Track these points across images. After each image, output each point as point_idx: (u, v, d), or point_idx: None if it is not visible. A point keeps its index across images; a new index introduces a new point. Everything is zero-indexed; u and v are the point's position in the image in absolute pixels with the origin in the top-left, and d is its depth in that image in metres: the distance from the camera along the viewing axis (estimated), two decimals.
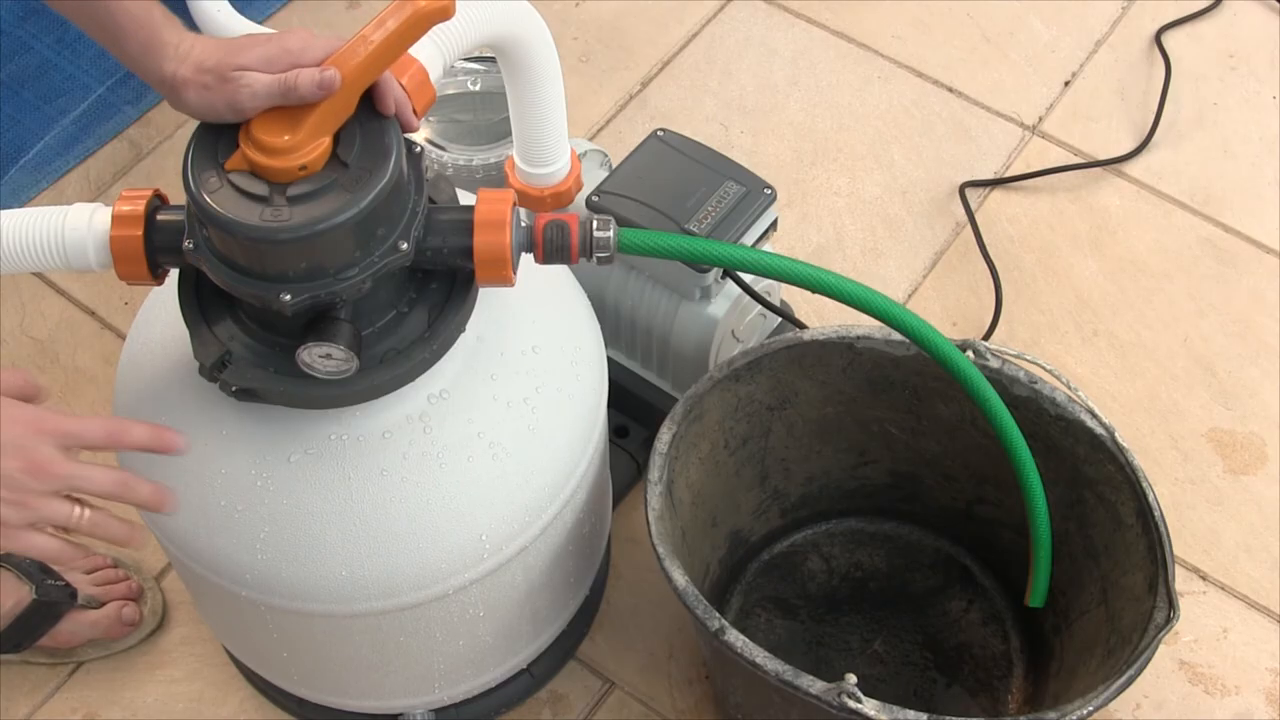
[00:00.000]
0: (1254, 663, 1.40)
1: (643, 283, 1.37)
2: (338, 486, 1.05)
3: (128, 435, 0.95)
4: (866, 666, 1.36)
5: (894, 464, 1.37)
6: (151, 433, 0.96)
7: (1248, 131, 1.77)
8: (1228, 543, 1.47)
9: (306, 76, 0.93)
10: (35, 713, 1.38)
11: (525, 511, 1.10)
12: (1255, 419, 1.55)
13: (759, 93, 1.82)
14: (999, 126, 1.79)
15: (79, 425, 0.91)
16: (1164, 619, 1.12)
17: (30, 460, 0.88)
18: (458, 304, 1.03)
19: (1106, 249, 1.68)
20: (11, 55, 1.83)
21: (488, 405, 1.08)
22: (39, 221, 1.01)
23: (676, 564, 1.13)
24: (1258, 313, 1.63)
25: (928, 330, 1.11)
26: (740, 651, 1.07)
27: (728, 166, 1.34)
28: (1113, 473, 1.21)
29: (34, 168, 1.75)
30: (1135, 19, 1.88)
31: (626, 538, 1.46)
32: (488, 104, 1.55)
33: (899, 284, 1.66)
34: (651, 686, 1.39)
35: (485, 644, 1.22)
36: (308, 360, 0.98)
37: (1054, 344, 1.60)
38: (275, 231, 0.92)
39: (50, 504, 0.90)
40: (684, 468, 1.23)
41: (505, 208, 1.00)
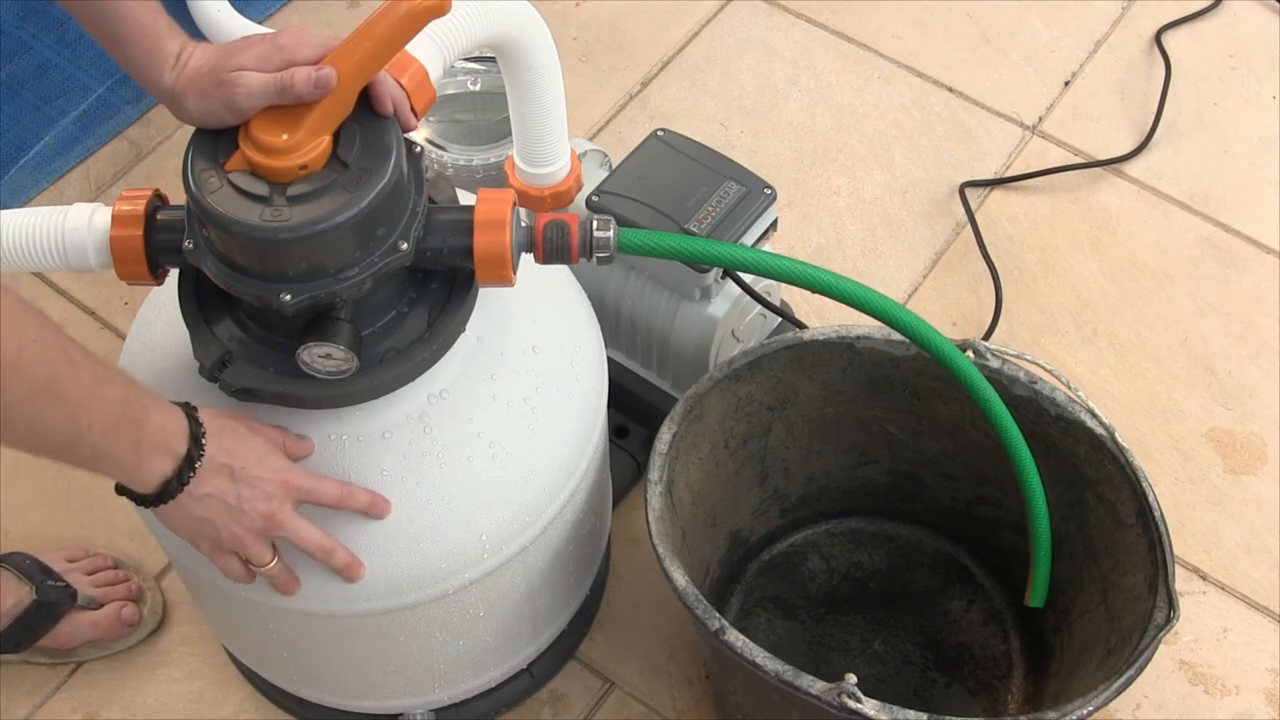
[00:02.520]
0: (1254, 663, 1.40)
1: (643, 283, 1.37)
2: None
3: (353, 500, 1.03)
4: (866, 666, 1.36)
5: (894, 464, 1.37)
6: (370, 499, 1.04)
7: (1248, 131, 1.77)
8: (1228, 543, 1.47)
9: (303, 75, 0.93)
10: (35, 713, 1.38)
11: (525, 511, 1.10)
12: (1255, 419, 1.55)
13: (759, 93, 1.82)
14: (999, 126, 1.79)
15: (318, 486, 1.02)
16: (1164, 619, 1.12)
17: (269, 510, 0.99)
18: (458, 304, 1.03)
19: (1106, 249, 1.68)
20: (11, 55, 1.83)
21: (488, 405, 1.08)
22: (39, 221, 1.01)
23: (676, 564, 1.13)
24: (1258, 313, 1.63)
25: (928, 330, 1.11)
26: (740, 651, 1.07)
27: (728, 166, 1.34)
28: (1113, 473, 1.21)
29: (34, 168, 1.75)
30: (1135, 19, 1.88)
31: (626, 538, 1.46)
32: (488, 104, 1.55)
33: (899, 284, 1.66)
34: (651, 686, 1.39)
35: (485, 644, 1.22)
36: (308, 360, 0.98)
37: (1054, 344, 1.60)
38: (275, 231, 0.92)
39: (259, 544, 1.01)
40: (684, 468, 1.23)
41: (505, 208, 1.00)
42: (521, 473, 1.09)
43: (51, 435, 0.88)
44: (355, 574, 1.05)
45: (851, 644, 1.38)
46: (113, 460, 0.92)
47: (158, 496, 0.95)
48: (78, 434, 0.88)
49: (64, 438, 0.88)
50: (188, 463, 0.95)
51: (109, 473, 0.94)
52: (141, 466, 0.93)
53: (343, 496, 1.03)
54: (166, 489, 0.95)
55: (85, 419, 0.88)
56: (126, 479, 0.95)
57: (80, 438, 0.88)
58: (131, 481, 0.95)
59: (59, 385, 0.85)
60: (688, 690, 1.39)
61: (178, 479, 0.95)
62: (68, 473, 1.52)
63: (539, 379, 1.11)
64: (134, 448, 0.92)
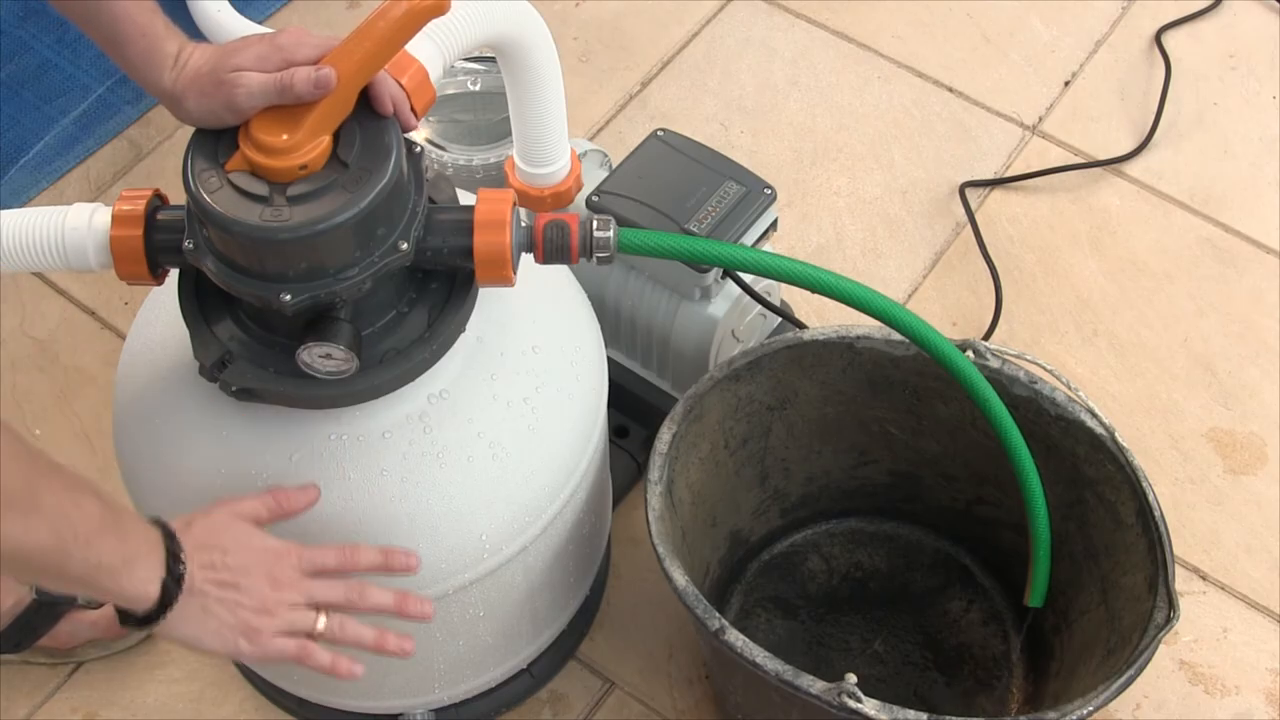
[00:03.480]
0: (1254, 663, 1.40)
1: (643, 283, 1.37)
2: (338, 486, 1.05)
3: (359, 559, 1.01)
4: (866, 666, 1.36)
5: (894, 464, 1.37)
6: (381, 556, 1.02)
7: (1248, 131, 1.77)
8: (1228, 543, 1.47)
9: (302, 75, 0.93)
10: (35, 713, 1.38)
11: (525, 511, 1.10)
12: (1255, 419, 1.55)
13: (759, 93, 1.82)
14: (999, 126, 1.79)
15: (314, 551, 0.99)
16: (1164, 619, 1.12)
17: (272, 577, 0.97)
18: (458, 304, 1.03)
19: (1106, 249, 1.68)
20: (11, 55, 1.83)
21: (488, 405, 1.08)
22: (39, 221, 1.01)
23: (676, 564, 1.13)
24: (1258, 313, 1.63)
25: (928, 330, 1.11)
26: (740, 651, 1.07)
27: (728, 166, 1.34)
28: (1113, 473, 1.21)
29: (34, 168, 1.75)
30: (1135, 19, 1.88)
31: (626, 538, 1.46)
32: (488, 104, 1.55)
33: (899, 284, 1.66)
34: (651, 686, 1.39)
35: (485, 644, 1.22)
36: (308, 360, 0.98)
37: (1054, 344, 1.60)
38: (275, 231, 0.92)
39: (294, 613, 0.98)
40: (684, 468, 1.23)
41: (505, 208, 1.00)
42: (521, 473, 1.09)
43: (38, 549, 0.83)
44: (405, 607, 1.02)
45: (851, 644, 1.38)
46: (104, 569, 0.88)
47: (161, 603, 0.91)
48: (63, 548, 0.84)
49: (52, 553, 0.84)
50: (173, 558, 0.91)
51: (104, 586, 0.89)
52: (133, 572, 0.89)
53: (346, 556, 1.00)
54: (165, 592, 0.91)
55: (68, 530, 0.84)
56: (121, 590, 0.89)
57: (67, 551, 0.85)
58: (128, 591, 0.90)
59: (35, 496, 0.82)
60: (688, 690, 1.39)
61: (171, 577, 0.91)
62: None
63: (539, 379, 1.11)
64: (121, 553, 0.88)
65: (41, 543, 0.83)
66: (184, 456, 1.07)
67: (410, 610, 1.03)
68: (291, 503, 1.01)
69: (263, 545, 0.98)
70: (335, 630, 1.00)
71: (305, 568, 0.99)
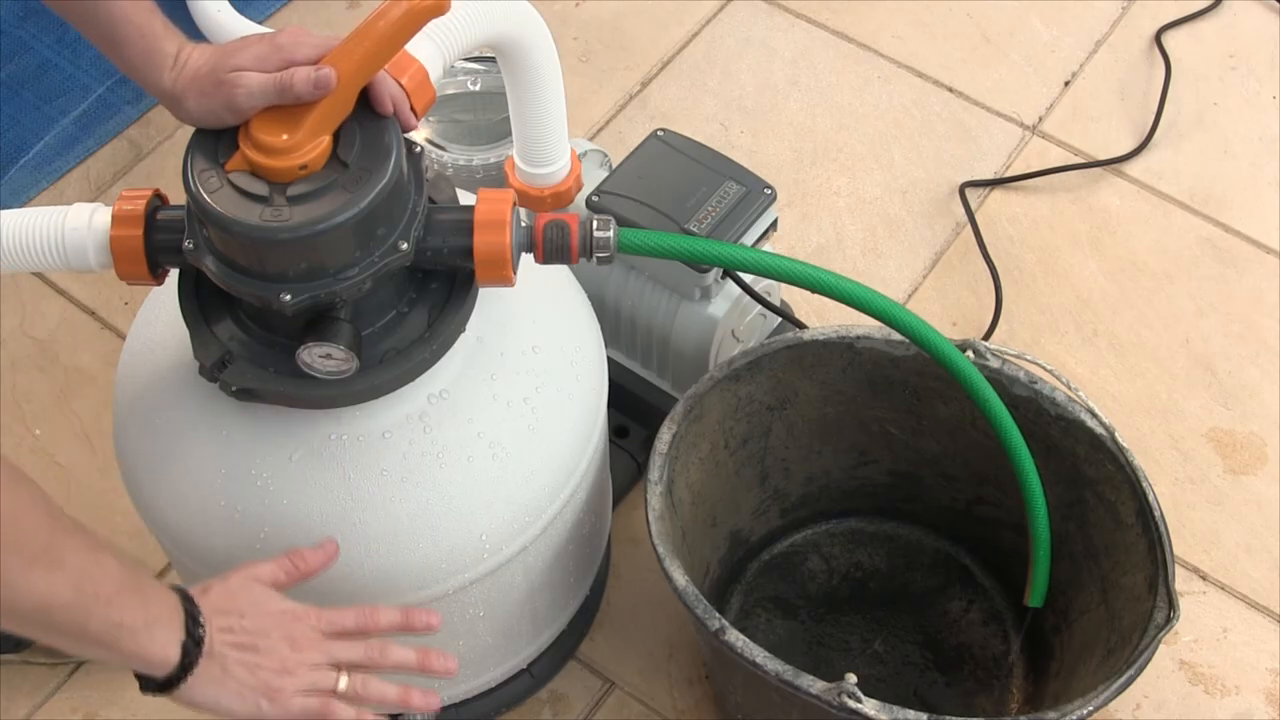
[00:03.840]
0: (1254, 663, 1.40)
1: (643, 283, 1.37)
2: (338, 486, 1.05)
3: (378, 620, 1.01)
4: (866, 666, 1.36)
5: (894, 464, 1.37)
6: (402, 616, 1.01)
7: (1248, 131, 1.77)
8: (1228, 543, 1.47)
9: (302, 76, 0.93)
10: (35, 713, 1.38)
11: (525, 511, 1.10)
12: (1255, 419, 1.55)
13: (759, 93, 1.82)
14: (999, 126, 1.79)
15: (333, 612, 0.99)
16: (1164, 619, 1.12)
17: (291, 638, 0.96)
18: (458, 304, 1.03)
19: (1106, 249, 1.68)
20: (11, 55, 1.83)
21: (488, 405, 1.08)
22: (39, 221, 1.01)
23: (676, 564, 1.13)
24: (1258, 313, 1.63)
25: (928, 330, 1.11)
26: (740, 651, 1.07)
27: (728, 166, 1.34)
28: (1113, 473, 1.21)
29: (34, 168, 1.75)
30: (1135, 19, 1.88)
31: (626, 538, 1.46)
32: (488, 104, 1.55)
33: (899, 284, 1.66)
34: (651, 686, 1.39)
35: (485, 644, 1.22)
36: (308, 360, 0.98)
37: (1054, 344, 1.60)
38: (275, 231, 0.92)
39: (315, 673, 0.96)
40: (684, 468, 1.23)
41: (505, 208, 1.00)
42: (521, 473, 1.09)
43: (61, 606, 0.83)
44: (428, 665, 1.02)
45: (851, 644, 1.38)
46: (125, 630, 0.87)
47: (181, 667, 0.90)
48: (85, 606, 0.84)
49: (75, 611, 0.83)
50: (192, 621, 0.91)
51: (124, 648, 0.87)
52: (154, 634, 0.88)
53: (364, 617, 0.99)
54: (186, 655, 0.90)
55: (90, 588, 0.84)
56: (141, 652, 0.88)
57: (89, 610, 0.84)
58: (149, 653, 0.89)
59: (58, 553, 0.82)
60: (688, 690, 1.39)
61: (191, 640, 0.90)
62: (68, 472, 1.52)
63: (539, 379, 1.11)
64: (142, 615, 0.88)
65: (65, 600, 0.83)
66: (184, 456, 1.07)
67: (434, 666, 1.02)
68: (309, 564, 1.00)
69: (280, 608, 0.97)
70: (358, 689, 0.98)
71: (324, 629, 0.98)
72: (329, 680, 0.97)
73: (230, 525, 1.06)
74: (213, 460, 1.05)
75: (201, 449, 1.06)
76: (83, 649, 0.87)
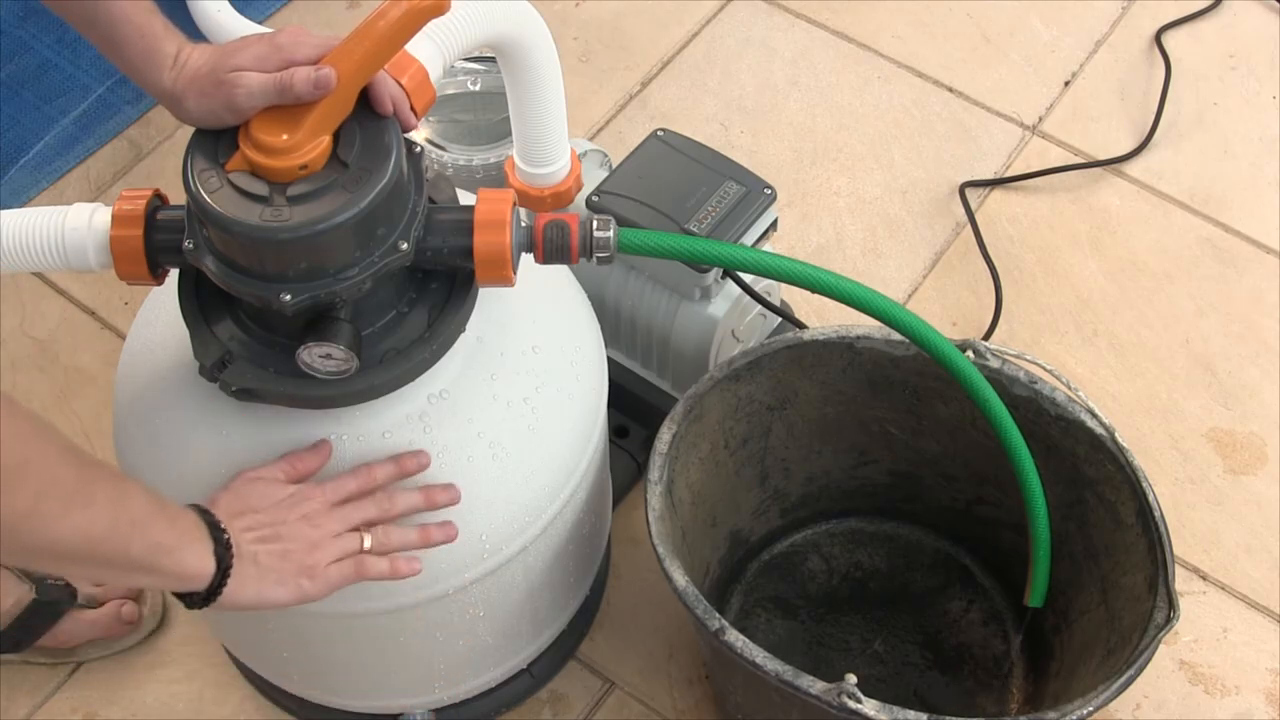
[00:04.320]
0: (1254, 663, 1.40)
1: (643, 283, 1.37)
2: None
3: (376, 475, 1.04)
4: (866, 666, 1.36)
5: (894, 464, 1.37)
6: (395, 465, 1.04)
7: (1248, 131, 1.77)
8: (1228, 543, 1.47)
9: (302, 76, 0.93)
10: (35, 713, 1.38)
11: (525, 511, 1.10)
12: (1255, 419, 1.55)
13: (759, 93, 1.82)
14: (999, 126, 1.79)
15: (335, 482, 1.03)
16: (1164, 619, 1.12)
17: (306, 517, 1.01)
18: (458, 304, 1.03)
19: (1106, 249, 1.68)
20: (11, 55, 1.83)
21: (488, 405, 1.08)
22: (39, 221, 1.01)
23: (676, 564, 1.13)
24: (1258, 313, 1.63)
25: (928, 330, 1.11)
26: (740, 651, 1.07)
27: (728, 166, 1.34)
28: (1113, 473, 1.21)
29: (34, 168, 1.75)
30: (1135, 19, 1.88)
31: (626, 538, 1.46)
32: (488, 104, 1.55)
33: (899, 284, 1.66)
34: (651, 686, 1.39)
35: (485, 644, 1.22)
36: (308, 360, 0.98)
37: (1054, 344, 1.60)
38: (275, 231, 0.92)
39: (340, 541, 1.02)
40: (684, 468, 1.23)
41: (505, 208, 1.00)
42: (521, 473, 1.09)
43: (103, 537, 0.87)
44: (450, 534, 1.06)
45: (851, 644, 1.38)
46: (163, 550, 0.91)
47: (220, 573, 0.95)
48: (124, 533, 0.88)
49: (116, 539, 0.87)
50: (216, 529, 0.95)
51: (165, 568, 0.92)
52: (188, 550, 0.93)
53: (363, 480, 1.03)
54: (220, 561, 0.95)
55: (125, 517, 0.88)
56: (182, 568, 0.93)
57: (128, 536, 0.88)
58: (188, 567, 0.94)
59: (90, 488, 0.85)
60: (688, 690, 1.39)
61: (221, 546, 0.95)
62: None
63: (539, 379, 1.11)
64: (174, 533, 0.92)
65: (105, 530, 0.86)
66: (184, 456, 1.07)
67: (439, 499, 1.05)
68: (306, 464, 1.03)
69: (286, 495, 1.01)
70: (381, 541, 1.03)
71: (332, 499, 1.02)
72: (354, 543, 1.02)
73: None
74: (213, 460, 1.05)
75: (201, 449, 1.06)
76: (129, 576, 0.93)
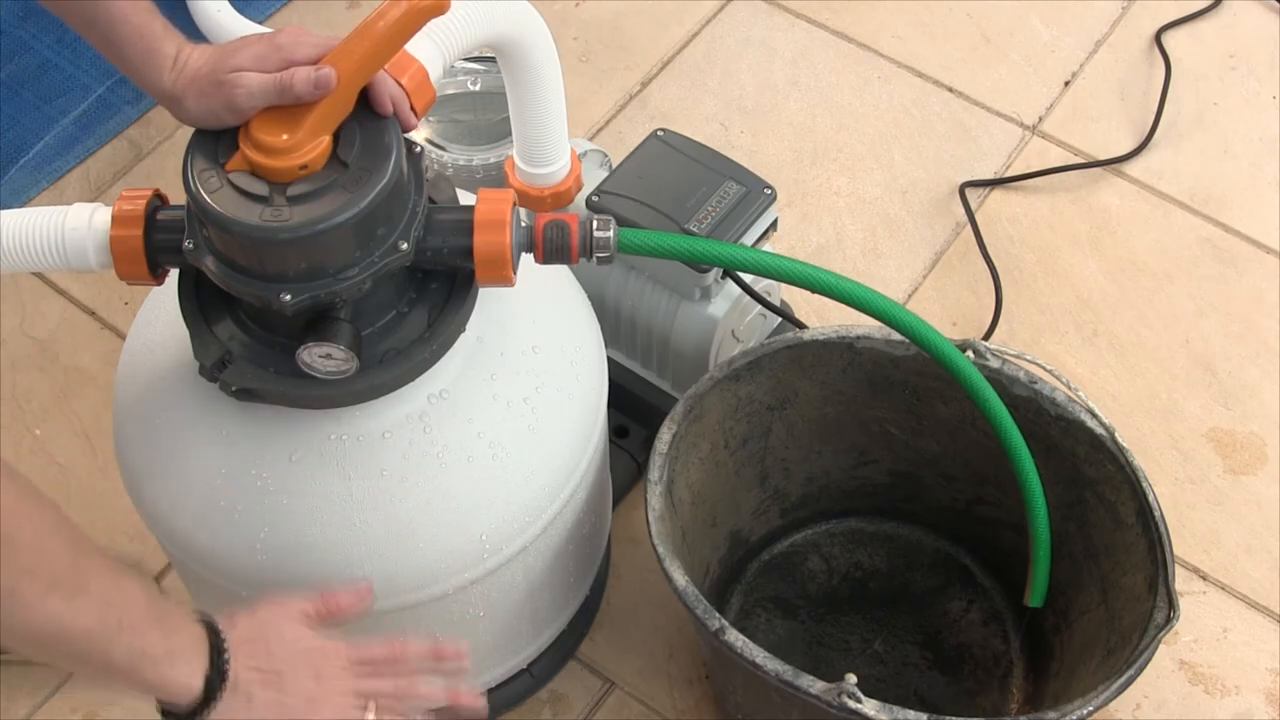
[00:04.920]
0: (1254, 663, 1.40)
1: (643, 283, 1.37)
2: (338, 486, 1.05)
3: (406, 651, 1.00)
4: (866, 666, 1.36)
5: (894, 464, 1.37)
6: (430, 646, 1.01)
7: (1248, 131, 1.77)
8: (1228, 543, 1.47)
9: (302, 76, 0.93)
10: (35, 713, 1.38)
11: (525, 511, 1.10)
12: (1255, 419, 1.55)
13: (759, 93, 1.82)
14: (999, 126, 1.79)
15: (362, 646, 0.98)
16: (1164, 619, 1.12)
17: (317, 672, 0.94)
18: (458, 304, 1.03)
19: (1106, 249, 1.68)
20: (11, 55, 1.83)
21: (488, 405, 1.08)
22: (39, 221, 1.01)
23: (676, 564, 1.13)
24: (1258, 313, 1.63)
25: (928, 330, 1.11)
26: (740, 651, 1.07)
27: (728, 166, 1.34)
28: (1113, 473, 1.21)
29: (34, 168, 1.75)
30: (1135, 19, 1.88)
31: (626, 538, 1.46)
32: (488, 104, 1.55)
33: (899, 284, 1.66)
34: (651, 686, 1.39)
35: (485, 644, 1.22)
36: (308, 360, 0.98)
37: (1054, 344, 1.60)
38: (275, 231, 0.92)
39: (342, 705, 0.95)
40: (684, 468, 1.23)
41: (505, 208, 1.00)
42: (521, 473, 1.09)
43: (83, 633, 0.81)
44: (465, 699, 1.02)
45: (851, 644, 1.38)
46: (148, 659, 0.85)
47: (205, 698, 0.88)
48: (108, 634, 0.82)
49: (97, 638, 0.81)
50: (217, 652, 0.89)
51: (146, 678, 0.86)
52: (177, 664, 0.86)
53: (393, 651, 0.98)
54: (209, 686, 0.88)
55: (113, 616, 0.82)
56: (164, 682, 0.86)
57: (112, 638, 0.82)
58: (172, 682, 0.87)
59: (82, 578, 0.80)
60: (688, 690, 1.39)
61: (216, 671, 0.88)
62: (68, 472, 1.52)
63: (539, 379, 1.11)
64: (166, 644, 0.86)
65: (87, 626, 0.81)
66: (184, 456, 1.07)
67: (464, 703, 1.01)
68: (340, 605, 0.99)
69: (309, 645, 0.95)
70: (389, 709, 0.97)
71: (353, 660, 0.97)
72: (355, 714, 0.95)
73: (230, 525, 1.06)
74: (213, 460, 1.05)
75: (201, 449, 1.06)
76: (102, 677, 0.86)
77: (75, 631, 0.80)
